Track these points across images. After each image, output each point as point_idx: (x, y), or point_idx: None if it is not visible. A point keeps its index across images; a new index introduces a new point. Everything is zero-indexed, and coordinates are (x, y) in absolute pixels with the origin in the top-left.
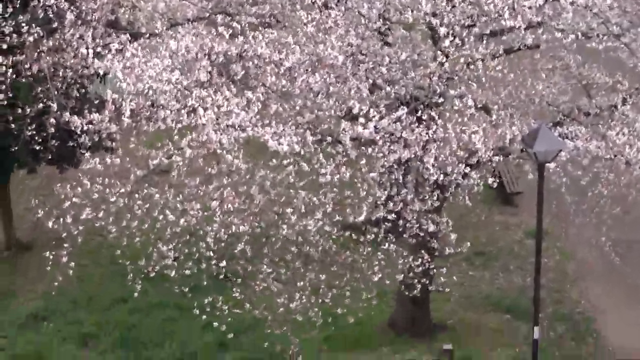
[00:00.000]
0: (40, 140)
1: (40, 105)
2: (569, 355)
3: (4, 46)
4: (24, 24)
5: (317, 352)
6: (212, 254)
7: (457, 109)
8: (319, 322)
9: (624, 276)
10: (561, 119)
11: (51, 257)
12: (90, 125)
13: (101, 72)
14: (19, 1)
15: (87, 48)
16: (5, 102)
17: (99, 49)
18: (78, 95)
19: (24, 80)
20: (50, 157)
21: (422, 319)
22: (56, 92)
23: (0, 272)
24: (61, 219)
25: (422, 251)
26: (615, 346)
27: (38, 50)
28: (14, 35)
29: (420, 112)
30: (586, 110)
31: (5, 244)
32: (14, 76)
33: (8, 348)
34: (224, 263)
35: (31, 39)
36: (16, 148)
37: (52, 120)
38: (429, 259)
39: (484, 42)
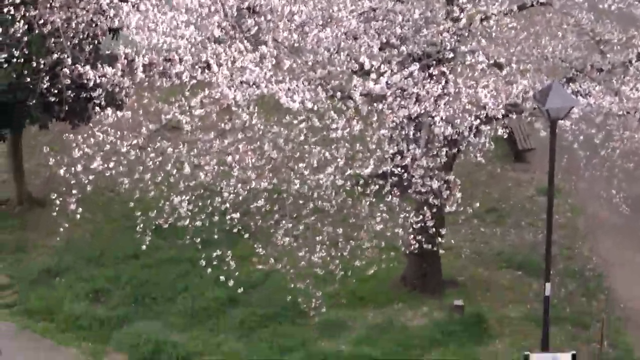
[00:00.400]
0: (55, 92)
1: (54, 56)
2: (579, 311)
3: (17, 0)
4: None
5: (331, 307)
6: (228, 206)
7: (468, 64)
8: (339, 275)
9: (635, 229)
10: (574, 75)
11: (58, 207)
12: (103, 79)
13: (116, 24)
14: None
15: None
16: (20, 58)
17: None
18: (90, 49)
19: (37, 32)
20: (62, 113)
21: (432, 275)
22: (69, 44)
23: (12, 228)
24: (72, 169)
25: (424, 208)
26: (625, 298)
27: (50, 4)
28: None
29: (431, 67)
30: (599, 67)
31: (17, 199)
32: (27, 30)
33: (20, 303)
34: (237, 215)
35: None
36: (32, 102)
37: (66, 70)
38: (430, 217)
39: None
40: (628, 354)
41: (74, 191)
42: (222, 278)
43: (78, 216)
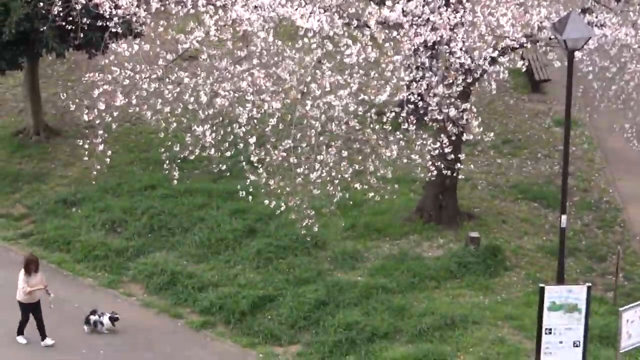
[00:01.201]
0: (70, 19)
1: None
2: (595, 244)
3: None
4: None
5: (344, 239)
6: (243, 130)
7: None
8: (337, 198)
9: None
10: (591, 6)
11: (81, 144)
12: (118, 11)
13: None
14: None
15: None
16: None
17: None
18: None
19: None
20: (78, 40)
21: (449, 206)
22: None
23: (29, 157)
24: (95, 110)
25: (442, 135)
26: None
27: None
28: None
29: None
30: None
31: (34, 129)
32: None
33: (36, 233)
34: (253, 139)
35: None
36: (45, 28)
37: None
38: (447, 143)
39: None
40: None
41: (100, 131)
42: (251, 200)
43: (108, 160)
